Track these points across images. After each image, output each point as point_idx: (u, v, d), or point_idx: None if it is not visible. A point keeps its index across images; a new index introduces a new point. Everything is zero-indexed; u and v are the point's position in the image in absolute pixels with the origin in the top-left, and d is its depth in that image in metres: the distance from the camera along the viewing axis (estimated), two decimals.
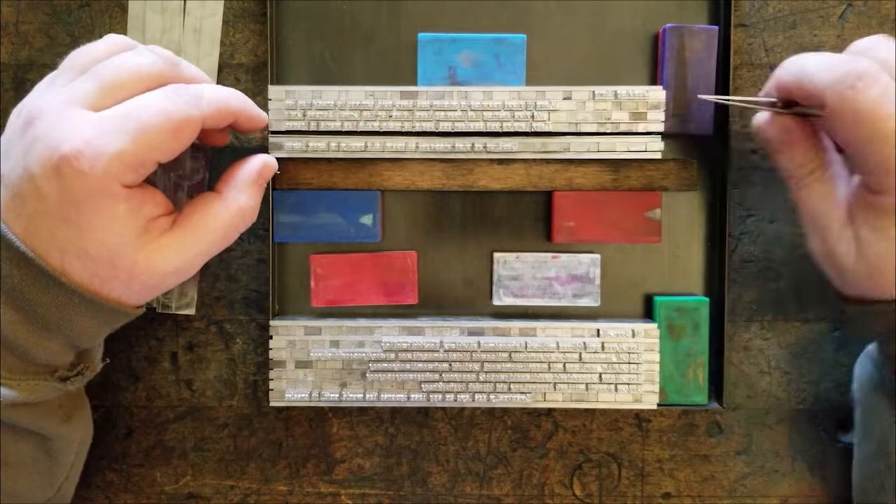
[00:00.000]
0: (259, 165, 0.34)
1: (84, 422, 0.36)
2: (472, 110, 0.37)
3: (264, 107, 0.37)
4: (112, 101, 0.30)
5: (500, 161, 0.38)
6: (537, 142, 0.37)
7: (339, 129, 0.37)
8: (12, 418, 0.31)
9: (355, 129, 0.37)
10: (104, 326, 0.32)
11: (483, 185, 0.39)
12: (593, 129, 0.37)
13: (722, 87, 0.38)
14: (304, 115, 0.37)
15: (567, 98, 0.37)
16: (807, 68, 0.31)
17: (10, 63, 0.39)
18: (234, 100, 0.33)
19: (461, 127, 0.37)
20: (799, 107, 0.33)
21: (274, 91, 0.37)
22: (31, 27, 0.39)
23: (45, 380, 0.32)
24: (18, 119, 0.30)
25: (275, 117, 0.37)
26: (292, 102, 0.37)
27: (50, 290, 0.30)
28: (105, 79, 0.30)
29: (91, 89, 0.30)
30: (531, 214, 0.40)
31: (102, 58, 0.31)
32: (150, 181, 0.32)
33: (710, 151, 0.39)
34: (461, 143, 0.37)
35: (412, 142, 0.38)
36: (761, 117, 0.34)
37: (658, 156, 0.38)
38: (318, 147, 0.38)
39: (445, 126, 0.37)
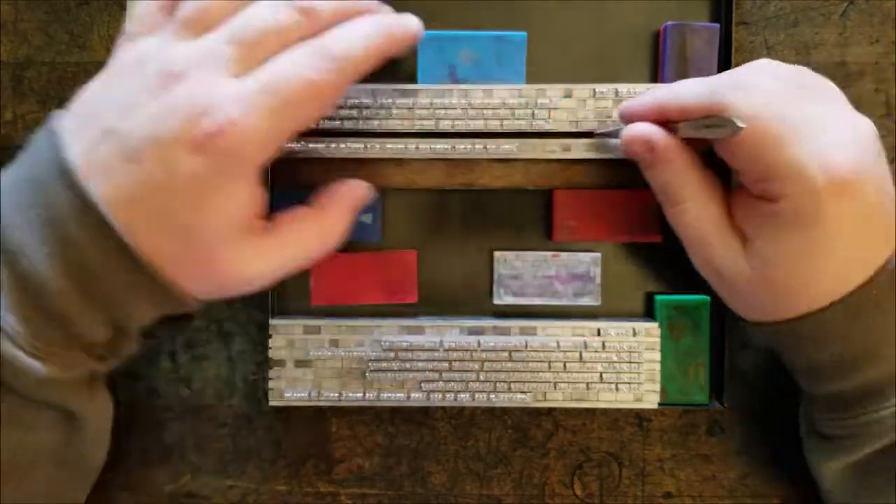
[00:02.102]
0: (357, 198, 0.34)
1: (106, 407, 0.34)
2: (472, 108, 0.37)
3: None
4: (252, 63, 0.28)
5: (501, 160, 0.38)
6: (538, 144, 0.37)
7: (339, 128, 0.37)
8: (43, 395, 0.29)
9: (355, 128, 0.37)
10: (159, 313, 0.31)
11: (483, 184, 0.38)
12: (594, 126, 0.37)
13: None
14: None
15: (567, 96, 0.37)
16: (681, 92, 0.32)
17: (8, 61, 0.39)
18: (378, 41, 0.30)
19: (461, 125, 0.37)
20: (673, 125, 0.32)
21: None
22: (29, 25, 0.39)
23: (80, 354, 0.30)
24: (146, 70, 0.28)
25: None
26: None
27: (122, 270, 0.28)
28: (245, 42, 0.28)
29: (231, 54, 0.28)
30: (531, 213, 0.39)
31: (228, 9, 0.29)
32: None
33: (710, 150, 0.39)
34: (461, 146, 0.37)
35: (412, 143, 0.37)
36: (630, 132, 0.33)
37: None
38: (318, 147, 0.37)
39: (445, 125, 0.37)
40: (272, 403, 0.38)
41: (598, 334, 0.38)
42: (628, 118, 0.34)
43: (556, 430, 0.40)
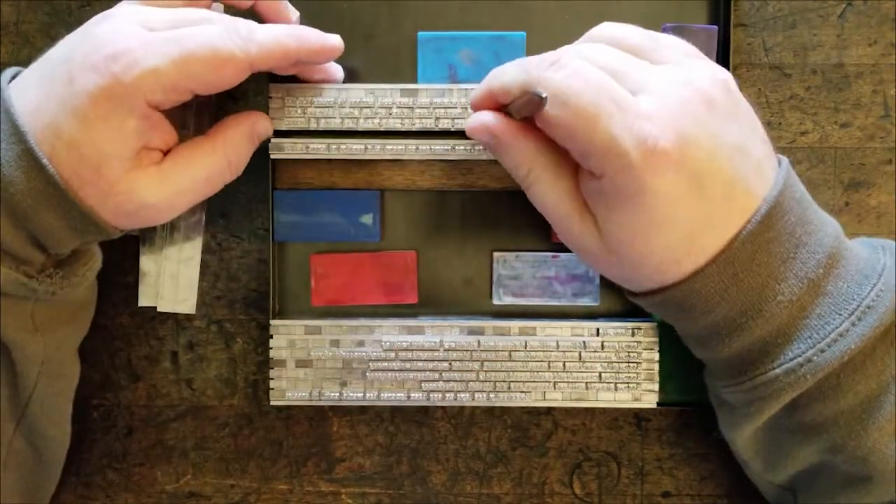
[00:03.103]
0: (252, 124, 0.35)
1: (56, 344, 0.35)
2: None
3: (264, 105, 0.36)
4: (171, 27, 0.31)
5: None
6: None
7: (339, 128, 0.37)
8: None
9: (355, 127, 0.37)
10: (72, 234, 0.31)
11: (483, 185, 0.38)
12: None
13: None
14: (304, 113, 0.37)
15: None
16: (502, 74, 0.31)
17: (10, 63, 0.38)
18: (289, 40, 0.32)
19: (461, 124, 0.36)
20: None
21: (274, 88, 0.37)
22: (31, 27, 0.39)
23: (9, 267, 0.30)
24: (97, 16, 0.32)
25: (275, 115, 0.36)
26: (292, 100, 0.36)
27: (29, 172, 0.29)
28: (177, 14, 0.32)
29: (155, 14, 0.31)
30: (531, 214, 0.39)
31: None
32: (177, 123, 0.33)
33: None
34: (461, 146, 0.37)
35: (412, 144, 0.37)
36: (469, 121, 0.32)
37: None
38: (319, 149, 0.37)
39: (445, 123, 0.36)
40: (273, 403, 0.37)
41: (598, 334, 0.37)
42: (473, 107, 0.33)
43: (555, 429, 0.40)
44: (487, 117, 0.32)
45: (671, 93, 0.29)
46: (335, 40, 0.34)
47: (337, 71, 0.37)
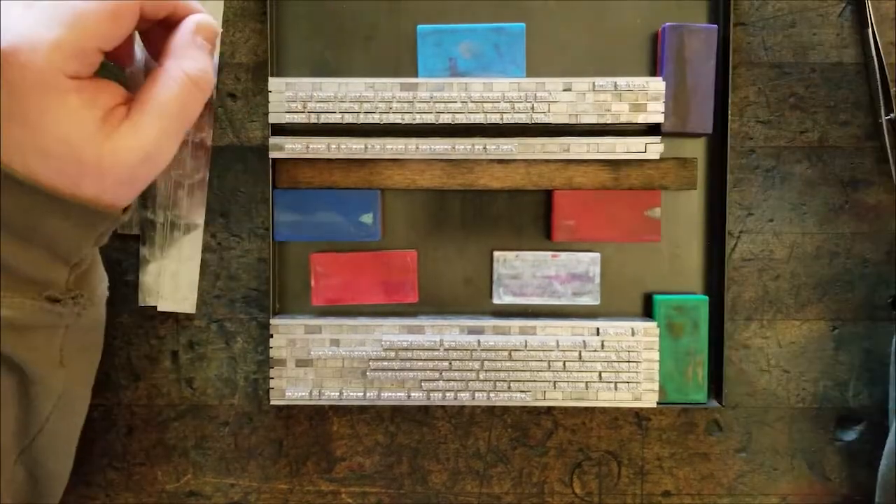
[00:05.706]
0: (192, 26, 0.31)
1: (75, 378, 0.33)
2: (472, 101, 0.36)
3: (265, 100, 0.36)
4: None
5: (501, 160, 0.37)
6: (537, 143, 0.36)
7: (340, 122, 0.36)
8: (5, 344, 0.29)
9: (356, 122, 0.36)
10: (82, 230, 0.29)
11: (483, 184, 0.37)
12: (593, 120, 0.36)
13: (721, 85, 0.37)
14: (305, 107, 0.36)
15: (567, 89, 0.35)
16: None
17: None
18: None
19: (461, 119, 0.36)
20: None
21: (274, 83, 0.36)
22: None
23: (34, 298, 0.29)
24: None
25: (275, 110, 0.36)
26: (292, 94, 0.36)
27: (13, 192, 0.27)
28: None
29: None
30: (531, 213, 0.38)
31: None
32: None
33: (709, 150, 0.38)
34: (461, 146, 0.36)
35: (412, 144, 0.36)
36: None
37: (657, 157, 0.36)
38: (319, 148, 0.36)
39: (446, 118, 0.36)
40: (273, 402, 0.37)
41: (598, 334, 0.37)
42: None
43: (555, 428, 0.39)
44: None
45: None
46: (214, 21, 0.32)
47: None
